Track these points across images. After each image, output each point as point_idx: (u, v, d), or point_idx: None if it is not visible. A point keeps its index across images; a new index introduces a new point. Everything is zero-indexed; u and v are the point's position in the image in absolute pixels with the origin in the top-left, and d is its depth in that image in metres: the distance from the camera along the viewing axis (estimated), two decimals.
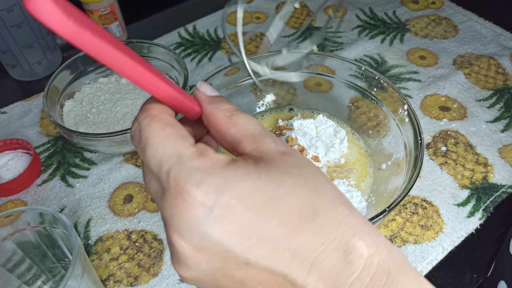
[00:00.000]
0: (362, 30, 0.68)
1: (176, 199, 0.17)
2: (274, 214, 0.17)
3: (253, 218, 0.17)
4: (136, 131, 0.20)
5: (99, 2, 0.61)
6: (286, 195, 0.18)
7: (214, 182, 0.17)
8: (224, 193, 0.17)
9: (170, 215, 0.18)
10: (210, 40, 0.68)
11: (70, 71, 0.54)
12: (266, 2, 0.75)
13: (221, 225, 0.17)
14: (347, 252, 0.18)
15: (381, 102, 0.46)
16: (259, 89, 0.53)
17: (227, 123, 0.20)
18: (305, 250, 0.17)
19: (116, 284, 0.41)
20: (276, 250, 0.17)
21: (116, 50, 0.16)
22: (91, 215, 0.47)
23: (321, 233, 0.18)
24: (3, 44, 0.57)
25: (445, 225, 0.44)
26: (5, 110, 0.59)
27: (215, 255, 0.18)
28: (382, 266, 0.19)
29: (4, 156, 0.51)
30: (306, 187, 0.18)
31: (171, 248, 0.19)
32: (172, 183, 0.18)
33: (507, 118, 0.54)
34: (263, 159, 0.19)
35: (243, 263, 0.17)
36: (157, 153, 0.19)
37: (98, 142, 0.46)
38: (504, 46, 0.63)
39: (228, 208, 0.17)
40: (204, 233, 0.17)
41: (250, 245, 0.17)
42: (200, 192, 0.17)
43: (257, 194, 0.17)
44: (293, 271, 0.17)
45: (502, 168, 0.49)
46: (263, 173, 0.18)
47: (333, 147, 0.47)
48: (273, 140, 0.20)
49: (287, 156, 0.19)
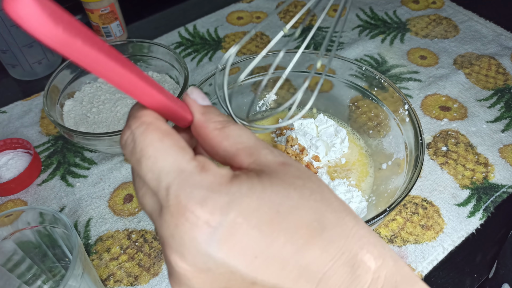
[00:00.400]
0: (362, 30, 0.68)
1: (177, 219, 0.16)
2: (282, 230, 0.16)
3: (260, 237, 0.16)
4: (129, 140, 0.18)
5: (99, 2, 0.61)
6: (292, 209, 0.17)
7: (219, 200, 0.16)
8: (229, 212, 0.16)
9: (170, 235, 0.17)
10: (210, 39, 0.68)
11: (70, 70, 0.54)
12: (266, 2, 0.75)
13: (227, 246, 0.16)
14: (355, 266, 0.17)
15: (381, 102, 0.46)
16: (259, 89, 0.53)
17: (219, 136, 0.19)
18: (313, 266, 0.17)
19: (116, 283, 0.41)
20: (283, 268, 0.16)
21: (108, 59, 0.15)
22: (91, 214, 0.47)
23: (329, 248, 0.17)
24: (3, 43, 0.57)
25: (446, 225, 0.44)
26: (5, 109, 0.59)
27: (220, 276, 0.17)
28: (389, 279, 0.18)
29: (4, 156, 0.51)
30: (312, 200, 0.17)
31: (171, 270, 0.18)
32: (173, 200, 0.16)
33: (507, 118, 0.54)
34: (264, 172, 0.18)
35: (249, 282, 0.17)
36: (155, 166, 0.17)
37: (98, 142, 0.46)
38: (505, 46, 0.63)
39: (234, 227, 0.16)
40: (209, 255, 0.16)
41: (257, 265, 0.16)
42: (204, 211, 0.16)
43: (263, 210, 0.16)
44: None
45: (503, 168, 0.49)
46: (267, 187, 0.17)
47: (334, 146, 0.47)
48: (270, 151, 0.19)
49: (288, 166, 0.18)
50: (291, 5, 0.74)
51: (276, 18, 0.72)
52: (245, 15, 0.72)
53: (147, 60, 0.58)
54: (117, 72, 0.16)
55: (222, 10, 0.74)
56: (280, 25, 0.70)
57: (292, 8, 0.73)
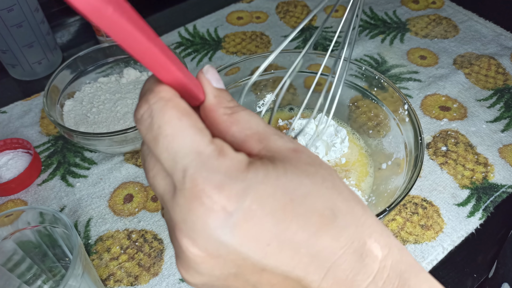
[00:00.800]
0: (362, 29, 0.68)
1: (192, 203, 0.16)
2: (295, 218, 0.16)
3: (274, 223, 0.16)
4: (146, 115, 0.17)
5: None
6: (306, 196, 0.17)
7: (236, 186, 0.16)
8: (245, 198, 0.16)
9: (182, 219, 0.16)
10: (210, 39, 0.68)
11: (70, 70, 0.54)
12: (266, 2, 0.75)
13: (241, 233, 0.16)
14: (363, 255, 0.17)
15: (381, 102, 0.46)
16: (259, 89, 0.53)
17: (227, 121, 0.19)
18: (324, 254, 0.17)
19: (116, 283, 0.41)
20: (294, 255, 0.16)
21: (135, 29, 0.15)
22: (91, 214, 0.47)
23: (341, 236, 0.17)
24: (3, 43, 0.57)
25: (445, 225, 0.44)
26: (5, 109, 0.59)
27: (230, 262, 0.17)
28: (395, 268, 0.18)
29: (4, 156, 0.51)
30: (324, 187, 0.17)
31: (180, 253, 0.17)
32: (189, 183, 0.16)
33: (507, 118, 0.54)
34: (276, 158, 0.17)
35: (259, 269, 0.17)
36: (172, 146, 0.16)
37: (98, 142, 0.46)
38: (504, 46, 0.63)
39: (249, 214, 0.16)
40: (222, 241, 0.16)
41: (269, 251, 0.16)
42: (221, 197, 0.16)
43: (277, 198, 0.16)
44: (308, 276, 0.17)
45: (502, 168, 0.49)
46: (281, 174, 0.17)
47: (334, 146, 0.47)
48: (279, 136, 0.19)
49: (299, 153, 0.18)
50: (290, 5, 0.74)
51: (276, 18, 0.72)
52: (245, 15, 0.72)
53: None
54: (142, 44, 0.15)
55: (222, 10, 0.74)
56: (280, 25, 0.70)
57: (292, 8, 0.73)
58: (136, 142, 0.48)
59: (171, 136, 0.16)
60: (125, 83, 0.57)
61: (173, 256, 0.43)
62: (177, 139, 0.16)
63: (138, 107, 0.18)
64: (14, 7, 0.54)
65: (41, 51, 0.61)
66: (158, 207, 0.47)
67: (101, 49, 0.56)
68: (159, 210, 0.47)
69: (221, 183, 0.16)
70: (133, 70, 0.57)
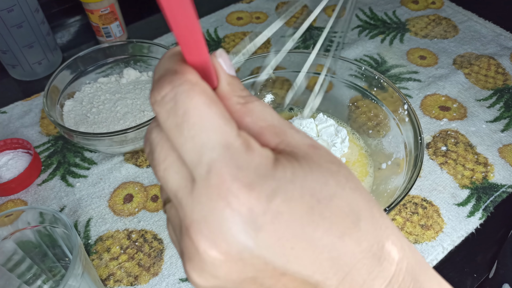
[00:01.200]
0: (362, 30, 0.68)
1: (216, 201, 0.14)
2: (321, 221, 0.15)
3: (300, 227, 0.15)
4: (168, 98, 0.15)
5: (99, 2, 0.61)
6: (332, 198, 0.16)
7: (266, 185, 0.15)
8: (274, 199, 0.15)
9: (202, 219, 0.15)
10: (210, 40, 0.68)
11: (70, 71, 0.54)
12: (266, 2, 0.75)
13: (267, 236, 0.15)
14: (381, 259, 0.16)
15: (381, 102, 0.46)
16: (259, 89, 0.53)
17: (240, 111, 0.17)
18: (345, 258, 0.16)
19: (116, 283, 0.41)
20: (316, 259, 0.15)
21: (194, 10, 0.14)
22: (91, 214, 0.47)
23: (363, 240, 0.16)
24: (3, 44, 0.57)
25: (445, 224, 0.44)
26: (5, 109, 0.59)
27: (250, 266, 0.15)
28: (410, 270, 0.17)
29: (4, 156, 0.51)
30: (348, 188, 0.16)
31: (193, 255, 0.16)
32: (215, 179, 0.14)
33: (507, 118, 0.54)
34: (298, 155, 0.16)
35: (279, 273, 0.16)
36: (199, 136, 0.15)
37: (98, 142, 0.46)
38: (504, 46, 0.63)
39: (276, 216, 0.15)
40: (245, 244, 0.15)
41: (292, 256, 0.15)
42: (250, 197, 0.14)
43: (305, 199, 0.15)
44: (327, 281, 0.16)
45: (502, 167, 0.49)
46: (308, 173, 0.16)
47: (334, 146, 0.47)
48: (295, 130, 0.17)
49: (318, 149, 0.17)
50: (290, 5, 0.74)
51: (276, 18, 0.72)
52: (245, 15, 0.73)
53: (147, 60, 0.58)
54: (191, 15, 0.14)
55: (222, 11, 0.74)
56: (280, 25, 0.70)
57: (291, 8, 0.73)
58: (136, 142, 0.48)
59: (198, 125, 0.15)
60: (125, 83, 0.57)
61: (173, 256, 0.43)
62: (205, 128, 0.15)
63: (158, 87, 0.15)
64: (14, 7, 0.54)
65: (41, 51, 0.61)
66: (158, 207, 0.47)
67: (101, 49, 0.56)
68: (159, 210, 0.47)
69: (251, 182, 0.14)
70: (133, 71, 0.58)
